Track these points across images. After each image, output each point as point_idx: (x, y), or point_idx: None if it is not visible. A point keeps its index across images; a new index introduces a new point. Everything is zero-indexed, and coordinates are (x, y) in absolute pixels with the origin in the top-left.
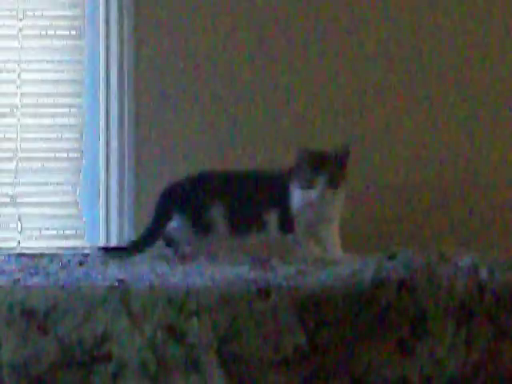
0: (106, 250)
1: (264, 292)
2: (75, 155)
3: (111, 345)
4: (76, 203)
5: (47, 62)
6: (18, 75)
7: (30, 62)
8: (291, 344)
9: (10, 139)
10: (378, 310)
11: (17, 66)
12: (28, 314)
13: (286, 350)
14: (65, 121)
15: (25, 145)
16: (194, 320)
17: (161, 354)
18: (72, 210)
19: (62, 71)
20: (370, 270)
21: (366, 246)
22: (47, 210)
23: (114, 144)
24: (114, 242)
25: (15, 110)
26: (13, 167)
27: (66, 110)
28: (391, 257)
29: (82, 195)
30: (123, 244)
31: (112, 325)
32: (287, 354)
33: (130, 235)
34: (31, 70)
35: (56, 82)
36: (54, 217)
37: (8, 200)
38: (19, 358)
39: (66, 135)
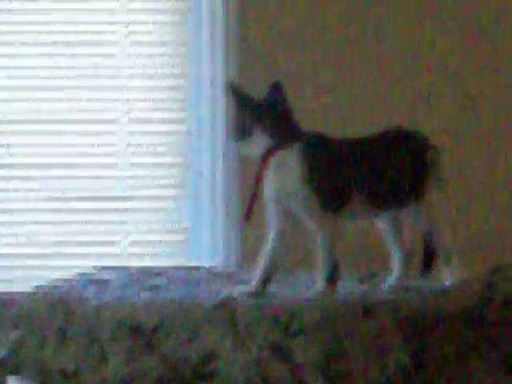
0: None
1: (369, 311)
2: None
3: (217, 363)
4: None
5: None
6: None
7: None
8: (395, 363)
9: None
10: (485, 327)
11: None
12: (134, 330)
13: (391, 369)
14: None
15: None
16: (300, 339)
17: (266, 372)
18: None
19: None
20: (476, 284)
21: None
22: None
23: (220, 162)
24: (219, 258)
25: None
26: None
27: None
28: (497, 270)
29: (187, 214)
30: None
31: (218, 343)
32: (391, 373)
33: (235, 251)
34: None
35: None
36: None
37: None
38: (125, 374)
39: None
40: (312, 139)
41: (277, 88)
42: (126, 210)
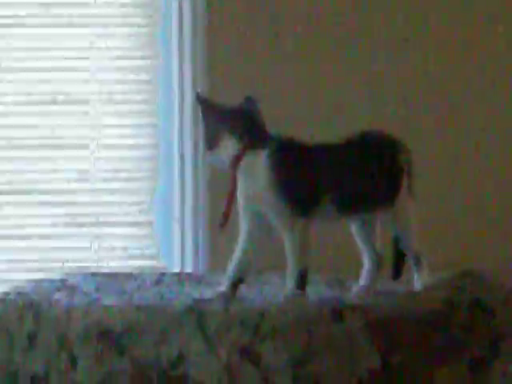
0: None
1: (338, 314)
2: (150, 175)
3: (186, 366)
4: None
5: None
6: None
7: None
8: (365, 367)
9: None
10: (452, 330)
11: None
12: (104, 334)
13: (360, 372)
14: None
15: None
16: (269, 342)
17: (236, 376)
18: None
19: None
20: (444, 288)
21: None
22: (123, 230)
23: (189, 165)
24: (188, 261)
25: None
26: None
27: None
28: (464, 275)
29: (155, 214)
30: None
31: (187, 346)
32: (362, 377)
33: (204, 254)
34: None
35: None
36: (130, 237)
37: (85, 220)
38: (95, 378)
39: (143, 158)
40: (281, 143)
41: (249, 100)
42: (96, 214)
